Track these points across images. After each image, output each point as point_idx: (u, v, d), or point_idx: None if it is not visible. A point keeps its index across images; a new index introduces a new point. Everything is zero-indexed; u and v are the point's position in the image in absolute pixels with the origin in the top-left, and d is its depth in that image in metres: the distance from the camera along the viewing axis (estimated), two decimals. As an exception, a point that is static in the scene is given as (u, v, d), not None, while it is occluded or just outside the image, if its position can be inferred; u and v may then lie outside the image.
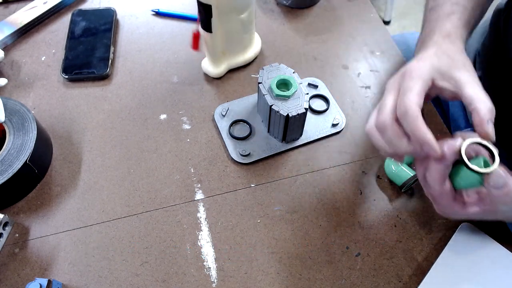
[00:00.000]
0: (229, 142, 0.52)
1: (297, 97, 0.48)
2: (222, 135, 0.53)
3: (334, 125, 0.54)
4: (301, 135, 0.53)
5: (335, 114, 0.55)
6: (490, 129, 0.36)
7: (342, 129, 0.54)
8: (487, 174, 0.35)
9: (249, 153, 0.51)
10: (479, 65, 0.61)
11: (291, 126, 0.49)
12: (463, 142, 0.36)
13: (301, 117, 0.48)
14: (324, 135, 0.53)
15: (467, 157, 0.36)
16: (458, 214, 0.39)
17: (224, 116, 0.55)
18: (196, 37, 0.54)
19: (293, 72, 0.50)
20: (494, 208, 0.37)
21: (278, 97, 0.48)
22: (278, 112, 0.47)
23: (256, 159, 0.51)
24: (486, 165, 0.36)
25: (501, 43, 0.56)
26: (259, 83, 0.49)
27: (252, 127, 0.54)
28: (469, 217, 0.40)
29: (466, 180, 0.37)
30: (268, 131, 0.53)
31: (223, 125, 0.54)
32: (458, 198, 0.39)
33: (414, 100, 0.36)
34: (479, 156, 0.37)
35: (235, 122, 0.54)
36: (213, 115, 0.55)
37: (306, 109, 0.47)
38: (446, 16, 0.46)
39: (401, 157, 0.40)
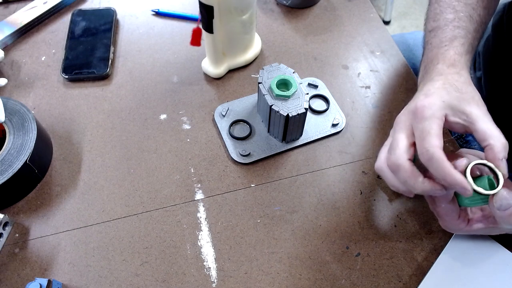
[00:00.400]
0: (229, 142, 0.52)
1: (297, 97, 0.48)
2: (222, 135, 0.53)
3: (334, 125, 0.54)
4: (301, 135, 0.53)
5: (335, 114, 0.55)
6: (504, 167, 0.35)
7: (342, 129, 0.54)
8: (492, 195, 0.35)
9: (249, 153, 0.51)
10: (479, 65, 0.61)
11: (291, 126, 0.49)
12: (468, 164, 0.36)
13: (301, 117, 0.48)
14: (324, 135, 0.53)
15: (472, 175, 0.36)
16: (462, 230, 0.40)
17: (224, 116, 0.55)
18: (196, 33, 0.54)
19: (293, 72, 0.50)
20: (498, 225, 0.37)
21: (278, 97, 0.48)
22: (278, 112, 0.47)
23: (256, 159, 0.51)
24: (491, 183, 0.36)
25: (505, 43, 0.55)
26: (259, 83, 0.49)
27: (252, 127, 0.54)
28: (473, 233, 0.40)
29: (471, 199, 0.37)
30: (268, 131, 0.53)
31: (223, 125, 0.54)
32: (462, 214, 0.39)
33: (436, 144, 0.36)
34: (484, 175, 0.37)
35: (235, 122, 0.54)
36: (213, 115, 0.55)
37: (306, 109, 0.47)
38: (449, 41, 0.44)
39: (412, 193, 0.40)
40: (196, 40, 0.54)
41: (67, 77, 0.58)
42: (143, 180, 0.50)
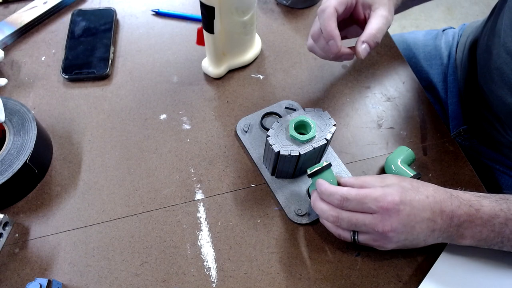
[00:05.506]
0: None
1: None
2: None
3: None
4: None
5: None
6: (359, 48, 0.45)
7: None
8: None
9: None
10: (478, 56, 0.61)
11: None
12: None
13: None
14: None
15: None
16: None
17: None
18: (201, 33, 0.54)
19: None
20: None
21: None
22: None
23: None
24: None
25: (492, 29, 0.55)
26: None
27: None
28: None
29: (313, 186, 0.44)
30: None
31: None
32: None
33: (333, 3, 0.44)
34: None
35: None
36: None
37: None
38: None
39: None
40: (202, 39, 0.54)
41: (67, 77, 0.58)
42: (143, 180, 0.50)
